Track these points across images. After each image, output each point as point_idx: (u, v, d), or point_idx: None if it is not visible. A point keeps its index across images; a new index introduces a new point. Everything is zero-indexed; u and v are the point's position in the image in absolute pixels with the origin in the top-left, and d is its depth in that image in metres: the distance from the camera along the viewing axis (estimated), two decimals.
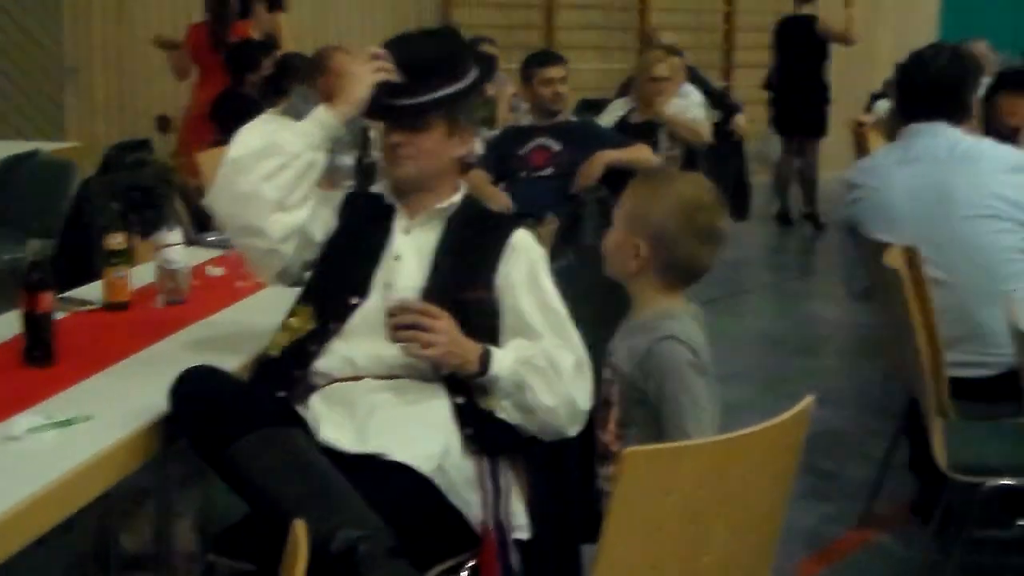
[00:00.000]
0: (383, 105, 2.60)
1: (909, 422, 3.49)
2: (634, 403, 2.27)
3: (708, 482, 1.78)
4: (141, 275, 3.18)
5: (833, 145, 9.18)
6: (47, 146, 6.73)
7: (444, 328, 2.41)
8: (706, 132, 6.36)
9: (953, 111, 3.46)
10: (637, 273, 2.28)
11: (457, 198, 2.67)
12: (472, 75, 2.66)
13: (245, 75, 6.40)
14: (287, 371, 2.53)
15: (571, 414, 2.48)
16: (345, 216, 2.70)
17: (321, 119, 2.59)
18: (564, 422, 2.48)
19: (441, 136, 2.60)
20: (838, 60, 9.30)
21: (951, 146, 3.41)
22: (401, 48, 2.62)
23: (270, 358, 2.56)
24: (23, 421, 2.15)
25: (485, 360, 2.43)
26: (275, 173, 2.54)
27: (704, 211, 2.26)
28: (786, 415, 1.92)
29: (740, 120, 7.91)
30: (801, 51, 8.92)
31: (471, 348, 2.44)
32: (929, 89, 3.47)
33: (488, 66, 2.71)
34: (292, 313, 2.60)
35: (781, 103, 9.14)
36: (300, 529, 1.48)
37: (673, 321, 2.24)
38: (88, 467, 2.03)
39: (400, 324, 2.41)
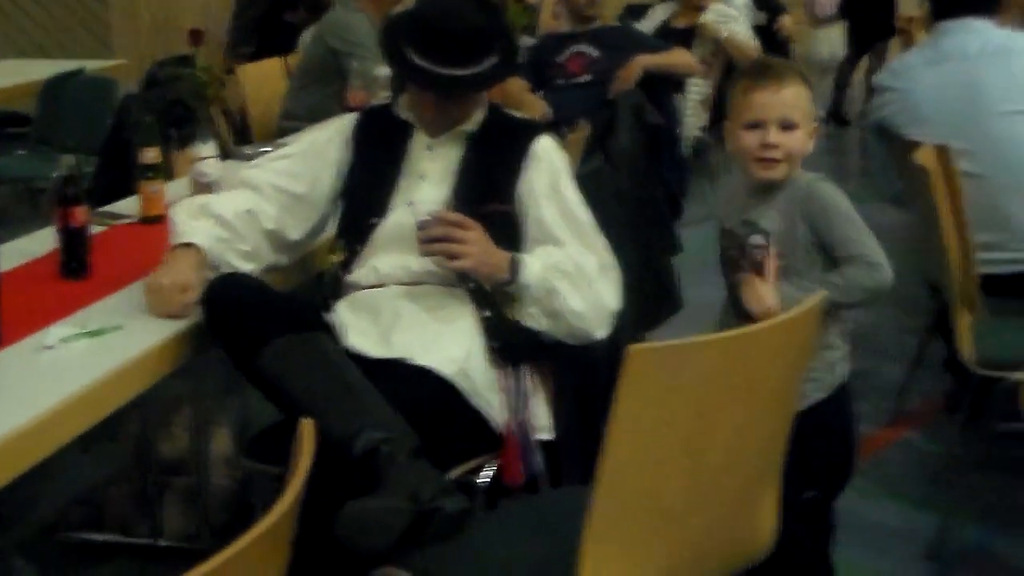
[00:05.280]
0: (430, 74, 2.53)
1: (941, 320, 3.49)
2: None
3: (714, 379, 1.80)
4: (179, 189, 3.22)
5: None
6: (92, 64, 6.80)
7: (475, 239, 2.41)
8: (755, 52, 6.24)
9: (980, 4, 3.39)
10: None
11: (481, 116, 2.66)
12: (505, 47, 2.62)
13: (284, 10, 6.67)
14: (326, 301, 2.59)
15: (600, 317, 2.49)
16: (358, 141, 2.69)
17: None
18: (593, 325, 2.49)
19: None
20: None
21: (983, 42, 3.34)
22: (449, 14, 2.56)
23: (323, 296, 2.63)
24: (56, 331, 2.23)
25: (515, 268, 2.44)
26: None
27: None
28: (794, 311, 1.94)
29: (786, 21, 7.76)
30: None
31: (501, 257, 2.44)
32: None
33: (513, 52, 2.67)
34: (331, 251, 2.65)
35: (855, 12, 9.03)
36: (307, 427, 1.51)
37: None
38: (116, 374, 2.10)
39: (431, 236, 2.41)
